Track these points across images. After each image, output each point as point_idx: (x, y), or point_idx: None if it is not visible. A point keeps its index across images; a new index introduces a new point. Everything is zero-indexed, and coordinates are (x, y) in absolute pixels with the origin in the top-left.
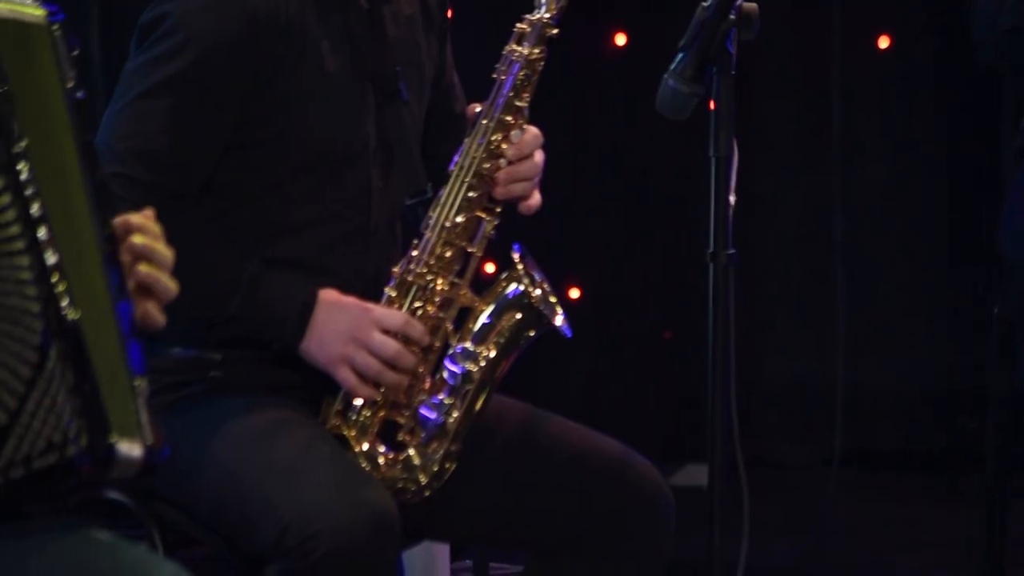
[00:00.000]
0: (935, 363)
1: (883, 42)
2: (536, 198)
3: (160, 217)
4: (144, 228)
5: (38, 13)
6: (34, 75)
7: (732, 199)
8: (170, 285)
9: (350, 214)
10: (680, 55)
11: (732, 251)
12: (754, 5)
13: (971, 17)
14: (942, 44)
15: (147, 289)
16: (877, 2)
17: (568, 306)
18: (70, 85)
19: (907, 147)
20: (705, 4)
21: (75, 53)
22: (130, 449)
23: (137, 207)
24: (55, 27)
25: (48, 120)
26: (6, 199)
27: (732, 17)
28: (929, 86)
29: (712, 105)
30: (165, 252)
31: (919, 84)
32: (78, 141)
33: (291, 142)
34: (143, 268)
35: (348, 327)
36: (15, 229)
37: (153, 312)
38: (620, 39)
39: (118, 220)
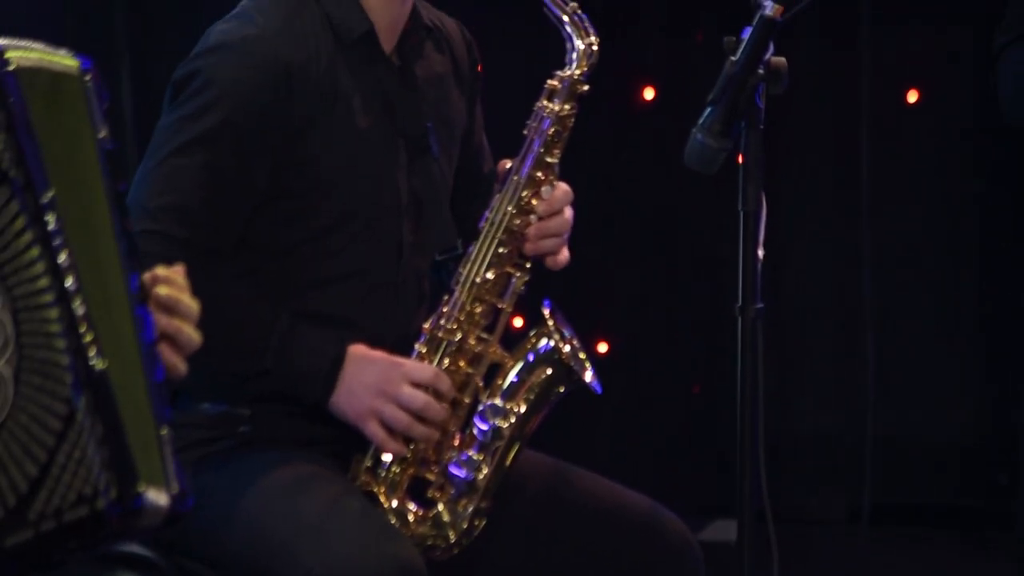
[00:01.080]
0: (966, 417)
1: (912, 96)
2: (565, 254)
3: (192, 273)
4: (170, 280)
5: (71, 63)
6: (65, 125)
7: (761, 253)
8: (193, 336)
9: (380, 269)
10: (708, 109)
11: (760, 305)
12: (783, 59)
13: (997, 74)
14: (971, 99)
15: (170, 339)
16: (906, 57)
17: (597, 361)
18: (101, 135)
19: (937, 201)
20: (733, 59)
21: (106, 106)
22: (157, 498)
23: (170, 263)
24: (87, 78)
25: (78, 170)
26: (35, 252)
27: (761, 72)
28: (959, 141)
29: (740, 159)
30: (190, 304)
31: (949, 139)
32: (108, 191)
33: (323, 197)
34: (165, 319)
35: (377, 380)
36: (44, 281)
37: (176, 362)
38: (649, 93)
39: (146, 274)
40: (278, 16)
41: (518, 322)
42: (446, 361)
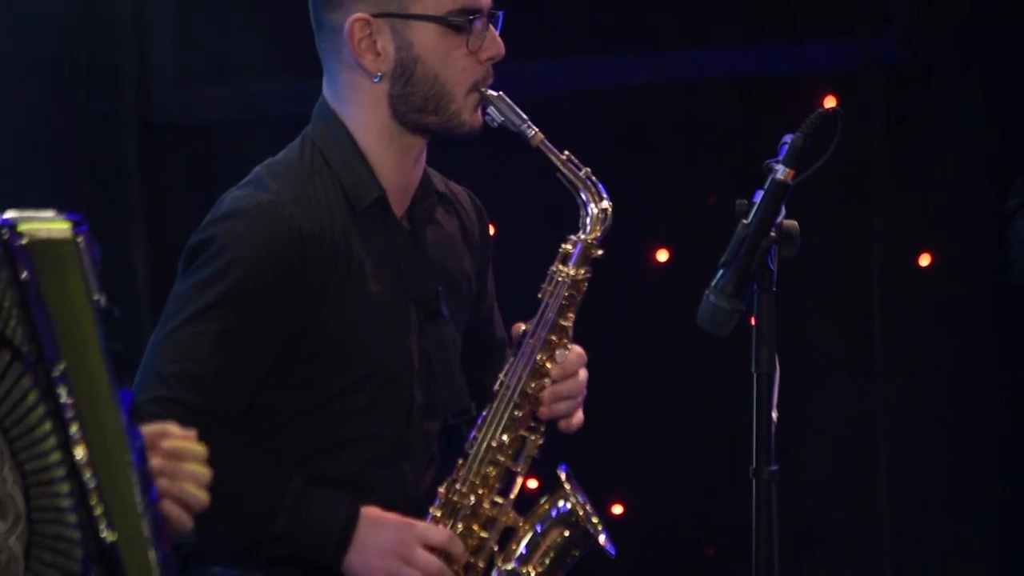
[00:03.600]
0: None
1: (924, 260)
2: (579, 416)
3: (204, 438)
4: (185, 451)
5: (64, 227)
6: (65, 290)
7: (775, 415)
8: (199, 495)
9: (392, 432)
10: (721, 271)
11: (775, 467)
12: (794, 223)
13: (1009, 237)
14: (984, 262)
15: (175, 497)
16: (918, 220)
17: (611, 522)
18: (95, 297)
19: (951, 364)
20: (746, 222)
21: (98, 262)
22: None
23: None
24: (79, 239)
25: (79, 335)
26: (47, 426)
27: (773, 234)
28: (971, 304)
29: (753, 321)
30: (198, 471)
31: (961, 302)
32: (105, 353)
33: (335, 361)
34: (166, 482)
35: (390, 542)
36: (56, 456)
37: (181, 517)
38: (662, 255)
39: (154, 428)
40: (292, 183)
41: (532, 483)
42: (460, 525)
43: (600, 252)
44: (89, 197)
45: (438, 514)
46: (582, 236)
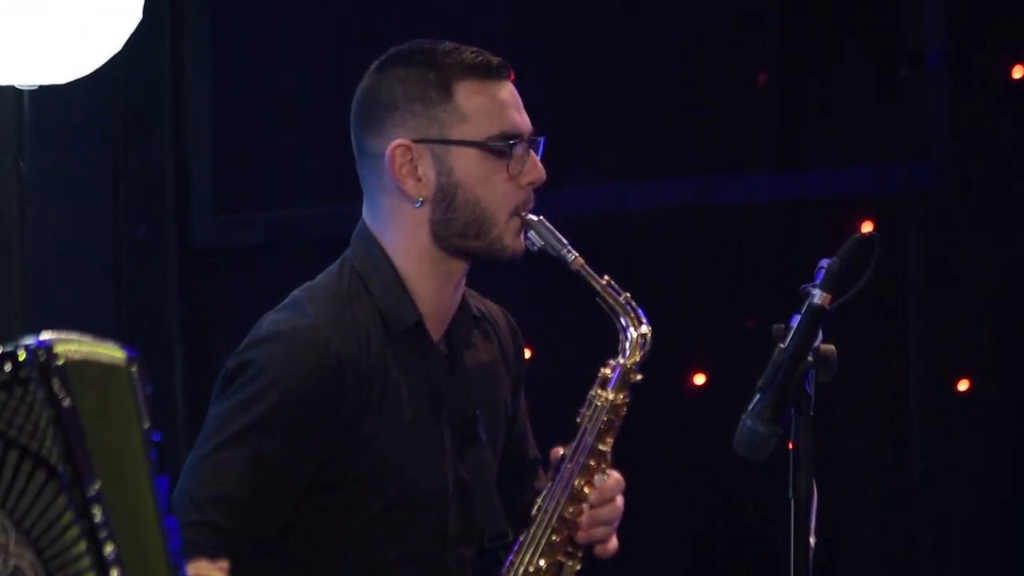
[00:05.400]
0: None
1: (962, 385)
2: (614, 542)
3: (237, 566)
4: None
5: (117, 355)
6: (113, 416)
7: (813, 540)
8: None
9: (427, 557)
10: (758, 396)
11: None
12: (831, 347)
13: None
14: (1022, 387)
15: None
16: (956, 345)
17: None
18: (146, 426)
19: (990, 488)
20: (782, 346)
21: (149, 392)
22: None
23: (214, 556)
24: (133, 368)
25: (126, 459)
26: (82, 546)
27: (810, 359)
28: (1009, 431)
29: (791, 446)
30: None
31: (999, 428)
32: (153, 480)
33: (370, 486)
34: None
35: None
36: None
37: None
38: (699, 379)
39: (191, 568)
40: (330, 307)
41: None
42: None
43: (639, 377)
44: (127, 324)
45: None
46: (621, 360)
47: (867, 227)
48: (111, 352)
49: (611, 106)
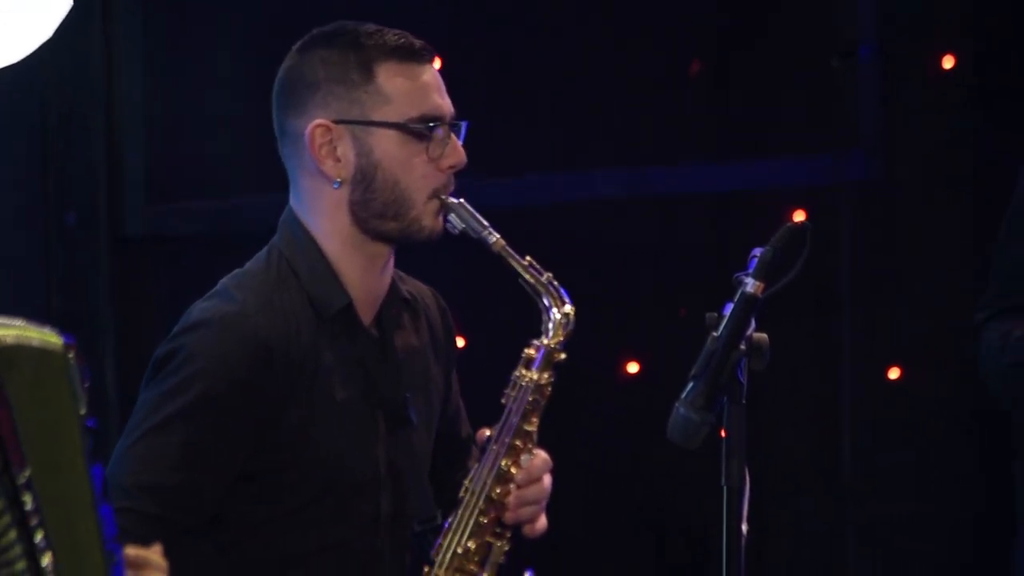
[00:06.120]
0: None
1: (893, 373)
2: (543, 521)
3: (168, 552)
4: (147, 562)
5: (54, 340)
6: (46, 402)
7: (745, 528)
8: None
9: (358, 541)
10: (691, 384)
11: None
12: (764, 335)
13: (978, 351)
14: (953, 376)
15: None
16: (887, 334)
17: None
18: (82, 412)
19: (923, 478)
20: (716, 334)
21: (87, 384)
22: None
23: (145, 542)
24: (70, 355)
25: (59, 448)
26: (13, 534)
27: (743, 347)
28: (940, 419)
29: (723, 433)
30: None
31: (930, 416)
32: (89, 467)
33: (301, 471)
34: None
35: None
36: (21, 565)
37: None
38: (633, 367)
39: (127, 552)
40: (258, 294)
41: None
42: None
43: (563, 356)
44: (58, 312)
45: None
46: (545, 341)
47: (799, 217)
48: (47, 337)
49: (543, 97)
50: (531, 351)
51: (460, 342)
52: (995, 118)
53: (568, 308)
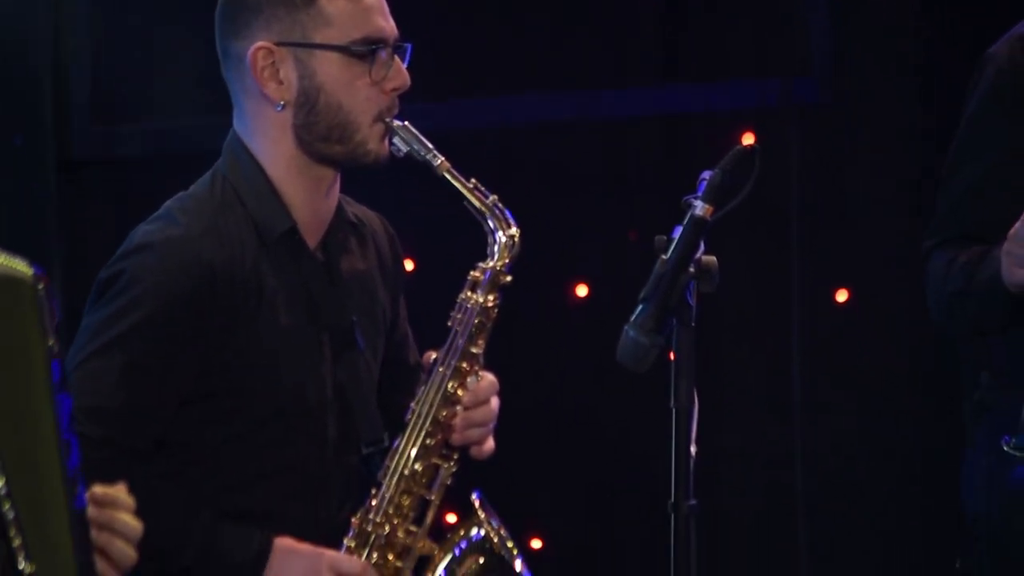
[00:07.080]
0: None
1: (841, 295)
2: (490, 443)
3: (111, 472)
4: (114, 500)
5: (24, 269)
6: (14, 329)
7: (693, 450)
8: (128, 552)
9: (306, 465)
10: (640, 307)
11: (693, 502)
12: (713, 258)
13: (925, 278)
14: (901, 298)
15: (103, 551)
16: (835, 256)
17: (530, 556)
18: (50, 343)
19: (870, 400)
20: (664, 257)
21: (58, 311)
22: None
23: (93, 465)
24: (40, 285)
25: (24, 373)
26: None
27: (692, 270)
28: (888, 339)
29: (672, 356)
30: (130, 523)
31: (879, 337)
32: (55, 398)
33: (247, 395)
34: (95, 534)
35: (303, 572)
36: None
37: (108, 574)
38: (582, 290)
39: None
40: (202, 217)
41: (451, 518)
42: (375, 555)
43: (509, 279)
44: (4, 233)
45: (352, 544)
46: (490, 264)
47: (748, 140)
48: (18, 266)
49: (491, 19)
50: (477, 274)
51: (408, 266)
52: (944, 38)
53: (514, 231)
